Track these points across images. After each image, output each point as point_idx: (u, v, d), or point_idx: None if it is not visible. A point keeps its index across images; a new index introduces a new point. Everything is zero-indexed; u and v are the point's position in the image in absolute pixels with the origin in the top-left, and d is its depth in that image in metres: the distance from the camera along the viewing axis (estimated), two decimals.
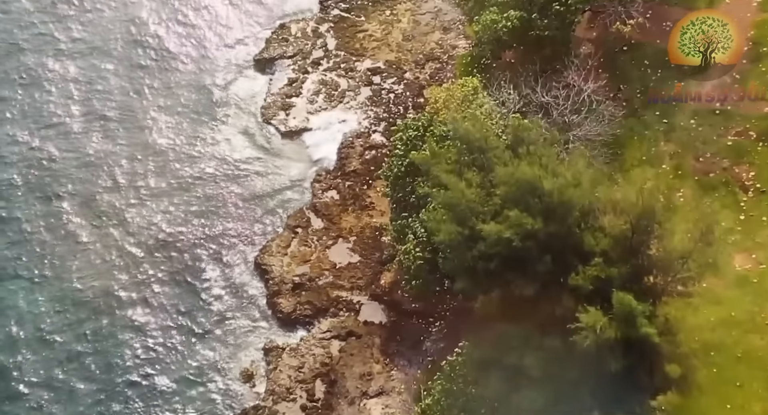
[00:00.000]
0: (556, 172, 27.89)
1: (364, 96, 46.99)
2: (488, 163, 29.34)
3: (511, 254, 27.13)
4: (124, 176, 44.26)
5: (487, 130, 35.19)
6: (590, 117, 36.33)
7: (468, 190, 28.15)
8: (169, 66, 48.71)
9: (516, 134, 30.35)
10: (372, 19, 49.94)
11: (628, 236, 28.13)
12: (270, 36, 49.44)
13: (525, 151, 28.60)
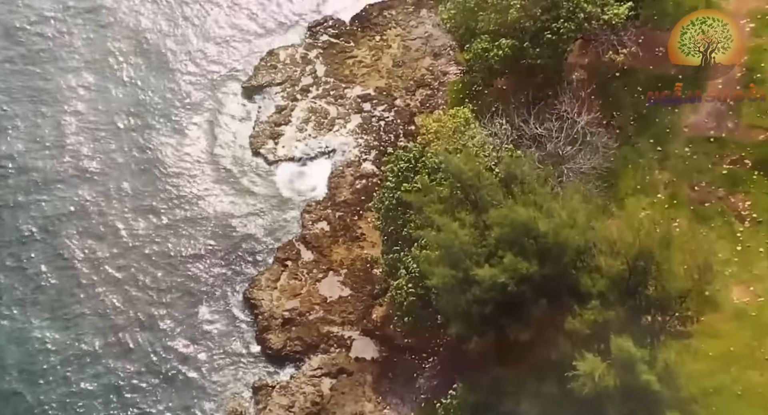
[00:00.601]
0: (551, 212, 27.22)
1: (355, 124, 46.28)
2: (481, 202, 28.67)
3: (506, 298, 26.41)
4: (107, 207, 43.33)
5: (479, 163, 34.79)
6: (584, 149, 35.69)
7: (461, 231, 27.47)
8: (154, 92, 47.89)
9: (509, 170, 29.70)
10: (361, 45, 49.31)
11: (625, 276, 27.47)
12: (258, 63, 48.67)
13: (519, 189, 27.94)
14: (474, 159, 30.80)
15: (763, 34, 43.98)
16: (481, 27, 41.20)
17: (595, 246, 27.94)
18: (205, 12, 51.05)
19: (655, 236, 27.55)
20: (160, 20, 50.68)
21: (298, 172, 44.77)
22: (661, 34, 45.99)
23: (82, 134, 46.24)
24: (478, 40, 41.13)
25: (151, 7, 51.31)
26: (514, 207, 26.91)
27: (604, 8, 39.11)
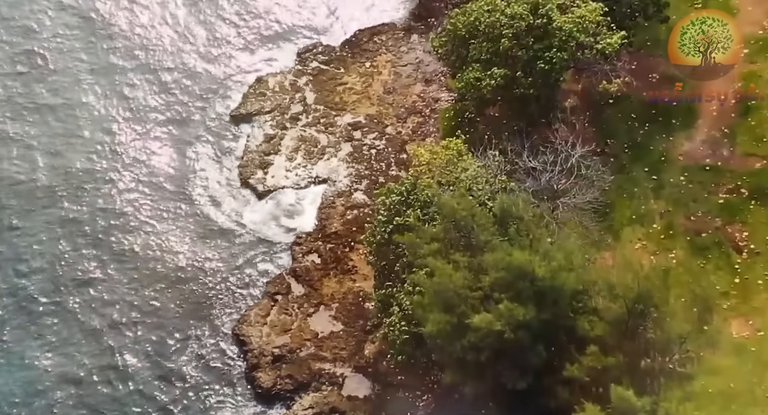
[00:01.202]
0: (548, 254, 26.53)
1: (345, 152, 45.53)
2: (476, 242, 27.95)
3: (503, 344, 25.66)
4: (92, 242, 42.32)
5: (473, 198, 34.12)
6: (579, 183, 35.06)
7: (456, 274, 26.72)
8: (143, 119, 47.01)
9: (503, 208, 29.02)
10: (352, 72, 48.62)
11: (624, 319, 26.77)
12: (247, 90, 47.82)
13: (515, 231, 27.25)
14: (468, 198, 29.99)
15: (758, 60, 43.68)
16: (473, 55, 40.67)
17: (593, 287, 27.25)
18: (193, 38, 50.19)
19: (654, 278, 26.80)
20: (144, 50, 49.85)
21: (288, 203, 43.87)
22: (654, 60, 45.66)
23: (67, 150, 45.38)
24: (469, 68, 40.56)
25: (137, 35, 50.46)
26: (510, 250, 26.21)
27: (597, 38, 38.62)
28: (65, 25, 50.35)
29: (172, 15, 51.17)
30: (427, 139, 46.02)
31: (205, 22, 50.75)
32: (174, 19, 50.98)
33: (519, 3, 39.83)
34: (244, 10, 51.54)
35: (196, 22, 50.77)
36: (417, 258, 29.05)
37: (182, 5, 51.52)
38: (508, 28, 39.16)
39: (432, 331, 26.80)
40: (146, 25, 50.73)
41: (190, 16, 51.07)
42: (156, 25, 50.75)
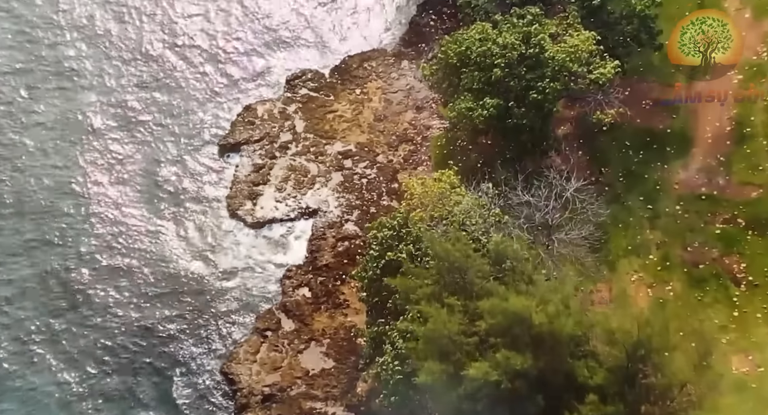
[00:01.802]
0: (545, 299, 25.76)
1: (336, 182, 44.72)
2: (470, 286, 27.18)
3: (500, 394, 24.84)
4: (76, 274, 41.35)
5: (468, 233, 33.37)
6: (575, 218, 34.38)
7: (451, 319, 25.91)
8: (130, 150, 46.10)
9: (499, 250, 28.27)
10: (342, 99, 47.89)
11: (624, 365, 26.00)
12: (235, 119, 47.01)
13: (510, 277, 26.48)
14: (462, 240, 29.20)
15: (752, 86, 43.24)
16: (465, 84, 40.06)
17: (592, 332, 26.49)
18: (180, 66, 49.45)
19: (654, 322, 26.05)
20: (134, 74, 49.03)
21: (278, 235, 42.97)
22: (648, 86, 45.20)
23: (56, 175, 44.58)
24: (461, 97, 39.95)
25: (125, 61, 49.70)
26: (506, 294, 25.44)
27: (590, 67, 38.11)
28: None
29: (162, 41, 50.49)
30: (418, 168, 45.37)
31: (192, 49, 50.00)
32: (162, 47, 50.26)
33: (511, 32, 39.36)
34: (231, 37, 50.82)
35: (183, 48, 50.03)
36: (410, 303, 28.16)
37: (169, 32, 50.76)
38: (500, 58, 38.63)
39: (426, 380, 25.94)
40: (131, 48, 50.02)
41: (177, 43, 50.32)
42: (143, 50, 50.02)
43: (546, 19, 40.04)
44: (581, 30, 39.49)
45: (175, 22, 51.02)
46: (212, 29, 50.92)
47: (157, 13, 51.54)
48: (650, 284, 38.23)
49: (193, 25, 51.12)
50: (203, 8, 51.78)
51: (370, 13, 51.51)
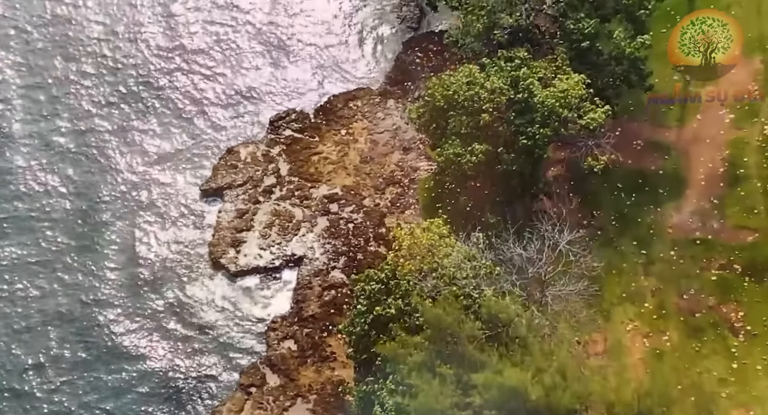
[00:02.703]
0: (540, 368, 24.64)
1: (321, 227, 43.49)
2: (463, 353, 26.02)
3: None
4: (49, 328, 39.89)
5: (458, 288, 32.30)
6: (569, 272, 33.34)
7: (443, 391, 24.72)
8: (109, 197, 44.69)
9: (492, 314, 27.16)
10: (327, 140, 46.78)
11: None
12: (218, 162, 45.75)
13: (504, 343, 25.37)
14: (454, 305, 28.08)
15: (745, 126, 42.53)
16: (452, 128, 39.12)
17: (590, 402, 25.38)
18: (159, 107, 48.09)
19: (655, 394, 24.96)
20: (115, 116, 47.67)
21: (262, 284, 41.67)
22: (639, 126, 44.37)
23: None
24: (449, 142, 38.92)
25: (103, 105, 48.22)
26: (501, 366, 24.32)
27: (580, 112, 37.25)
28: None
29: (141, 83, 49.14)
30: (406, 212, 44.29)
31: (174, 89, 48.71)
32: (141, 88, 48.91)
33: (498, 75, 38.51)
34: (213, 77, 49.40)
35: (163, 90, 48.75)
36: (400, 372, 26.97)
37: (147, 73, 49.41)
38: (488, 103, 37.72)
39: None
40: (109, 91, 48.66)
41: (157, 85, 48.93)
42: (122, 91, 48.60)
43: (534, 62, 39.25)
44: (570, 73, 38.67)
45: (152, 62, 49.66)
46: (192, 68, 49.51)
47: (135, 53, 50.09)
48: (646, 334, 37.21)
49: (172, 64, 49.88)
50: (182, 47, 50.36)
51: (354, 50, 50.43)
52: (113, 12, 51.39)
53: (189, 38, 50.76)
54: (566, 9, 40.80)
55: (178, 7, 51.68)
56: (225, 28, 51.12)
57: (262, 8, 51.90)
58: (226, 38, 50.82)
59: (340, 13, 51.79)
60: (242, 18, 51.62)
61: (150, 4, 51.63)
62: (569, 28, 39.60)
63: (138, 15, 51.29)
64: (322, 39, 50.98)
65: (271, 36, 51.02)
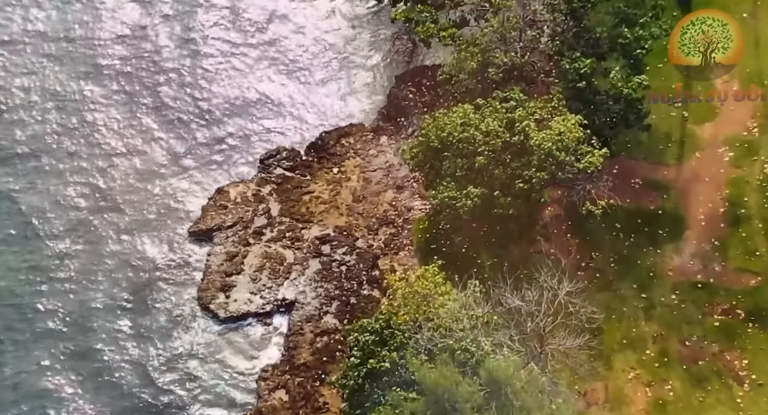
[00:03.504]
0: None
1: (313, 270, 42.35)
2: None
3: None
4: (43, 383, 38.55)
5: (456, 341, 31.21)
6: (569, 324, 32.31)
7: None
8: (93, 240, 43.48)
9: (491, 376, 26.10)
10: (318, 179, 45.74)
11: None
12: (206, 203, 44.57)
13: (504, 411, 24.31)
14: (451, 367, 27.01)
15: (744, 164, 41.71)
16: (447, 169, 38.24)
17: None
18: (147, 145, 46.96)
19: None
20: (101, 155, 46.58)
21: (252, 331, 40.45)
22: (636, 164, 43.48)
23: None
24: (443, 184, 38.03)
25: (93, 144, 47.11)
26: None
27: (577, 155, 36.40)
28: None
29: (126, 120, 48.14)
30: (400, 253, 43.22)
31: (162, 128, 47.66)
32: (128, 125, 47.88)
33: (493, 116, 37.67)
34: (202, 113, 48.34)
35: (151, 127, 47.73)
36: None
37: (133, 111, 48.26)
38: (483, 145, 36.87)
39: None
40: (98, 132, 47.53)
41: (144, 122, 47.95)
42: (113, 130, 47.65)
43: (529, 102, 38.44)
44: (566, 113, 37.83)
45: (137, 100, 48.59)
46: (180, 105, 48.48)
47: (120, 93, 49.01)
48: (648, 383, 36.13)
49: (159, 101, 48.85)
50: (169, 84, 49.37)
51: (346, 85, 49.48)
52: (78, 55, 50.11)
53: (176, 74, 49.80)
54: (562, 47, 40.19)
55: (165, 40, 50.83)
56: (214, 65, 50.06)
57: (251, 42, 50.95)
58: (214, 75, 49.76)
59: (331, 46, 50.87)
60: (232, 52, 50.81)
61: (126, 44, 50.50)
62: (565, 67, 38.89)
63: (121, 52, 50.52)
64: (313, 73, 50.00)
65: (261, 72, 49.96)
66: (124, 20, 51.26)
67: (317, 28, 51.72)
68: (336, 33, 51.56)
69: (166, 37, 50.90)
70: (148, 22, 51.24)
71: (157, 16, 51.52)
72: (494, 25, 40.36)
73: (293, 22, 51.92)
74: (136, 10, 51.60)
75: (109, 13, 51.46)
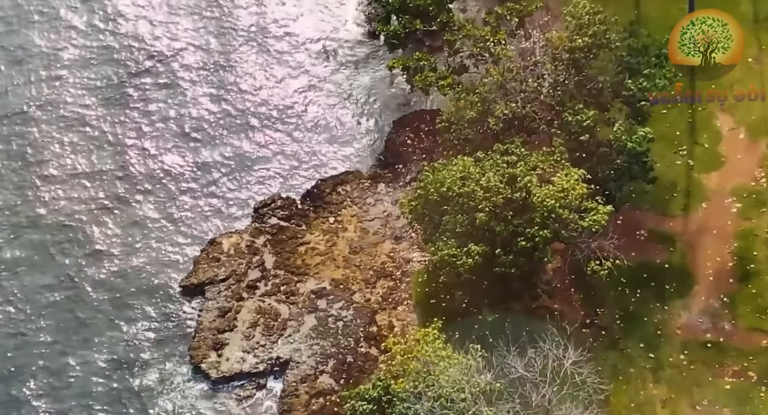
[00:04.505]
0: None
1: (309, 326, 40.86)
2: None
3: None
4: None
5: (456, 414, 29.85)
6: (576, 396, 30.90)
7: None
8: (78, 295, 42.05)
9: None
10: (314, 228, 44.43)
11: None
12: (198, 255, 43.29)
13: None
14: None
15: (753, 216, 40.44)
16: (447, 224, 36.98)
17: None
18: (139, 195, 45.69)
19: None
20: (93, 204, 45.26)
21: (245, 392, 38.79)
22: (641, 215, 42.17)
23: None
24: (443, 239, 36.74)
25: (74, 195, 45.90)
26: None
27: (581, 214, 35.17)
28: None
29: (116, 168, 46.97)
30: (398, 308, 41.78)
31: (152, 176, 46.47)
32: (118, 173, 46.74)
33: (494, 171, 36.49)
34: (193, 160, 47.13)
35: (141, 175, 46.52)
36: None
37: (124, 159, 47.11)
38: (484, 201, 35.66)
39: None
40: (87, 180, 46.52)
41: (134, 169, 46.72)
42: (99, 183, 46.35)
43: (531, 155, 37.28)
44: (569, 167, 36.66)
45: (124, 147, 47.52)
46: (172, 152, 47.43)
47: (109, 139, 47.94)
48: None
49: (150, 147, 47.67)
50: (161, 130, 48.29)
51: (343, 130, 48.31)
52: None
53: (167, 121, 48.67)
54: (563, 96, 39.11)
55: (151, 87, 49.86)
56: (207, 109, 49.08)
57: (243, 87, 49.88)
58: (207, 120, 48.67)
59: (326, 90, 49.79)
60: (224, 97, 49.68)
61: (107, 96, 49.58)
62: (567, 119, 37.79)
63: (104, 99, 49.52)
64: (308, 118, 48.84)
65: (255, 117, 48.81)
66: (97, 74, 50.39)
67: (312, 70, 50.76)
68: (332, 76, 50.51)
69: (151, 85, 49.89)
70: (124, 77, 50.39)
71: (143, 64, 50.81)
72: (494, 75, 39.41)
73: (288, 65, 51.02)
74: (109, 65, 50.69)
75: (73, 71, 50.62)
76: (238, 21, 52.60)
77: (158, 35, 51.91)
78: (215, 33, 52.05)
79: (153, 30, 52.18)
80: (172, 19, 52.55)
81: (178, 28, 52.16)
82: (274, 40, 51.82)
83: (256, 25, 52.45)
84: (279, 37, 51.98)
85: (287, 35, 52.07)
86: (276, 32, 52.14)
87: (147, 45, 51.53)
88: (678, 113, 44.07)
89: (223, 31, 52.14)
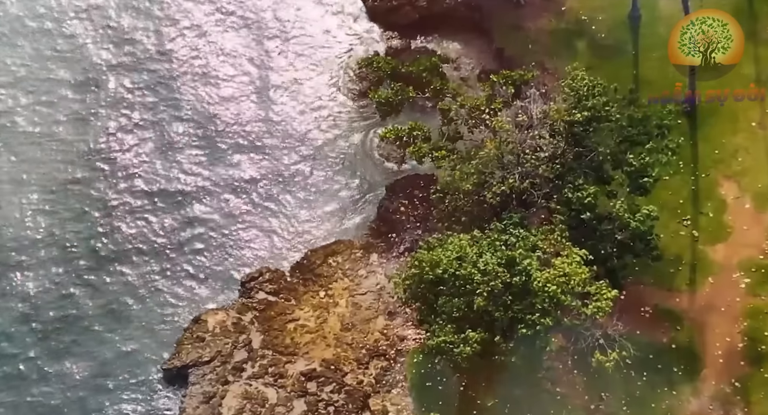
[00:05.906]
0: None
1: (298, 412, 38.63)
2: None
3: None
4: None
5: None
6: None
7: None
8: (60, 376, 40.00)
9: None
10: (304, 303, 42.42)
11: None
12: (182, 336, 41.19)
13: None
14: None
15: (762, 293, 38.55)
16: (443, 308, 35.11)
17: None
18: (121, 266, 43.86)
19: None
20: (69, 280, 43.29)
21: None
22: (645, 289, 40.16)
23: None
24: (439, 324, 34.88)
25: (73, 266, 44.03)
26: None
27: (585, 300, 33.39)
28: None
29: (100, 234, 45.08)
30: (393, 391, 39.72)
31: (133, 247, 44.50)
32: (103, 239, 44.89)
33: (492, 253, 34.71)
34: (181, 227, 45.21)
35: (124, 247, 44.61)
36: None
37: (108, 231, 45.27)
38: (482, 285, 33.86)
39: None
40: None
41: (115, 238, 44.86)
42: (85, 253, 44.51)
43: (530, 234, 35.56)
44: (570, 247, 34.94)
45: (111, 216, 45.71)
46: (152, 220, 45.50)
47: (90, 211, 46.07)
48: None
49: (130, 211, 45.79)
50: (143, 192, 46.51)
51: (333, 197, 46.49)
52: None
53: (152, 184, 46.87)
54: (562, 169, 37.56)
55: (145, 152, 48.20)
56: (192, 175, 47.36)
57: (229, 152, 48.13)
58: (192, 186, 46.80)
59: (315, 155, 47.94)
60: (211, 163, 47.84)
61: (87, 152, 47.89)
62: (567, 196, 36.19)
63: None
64: (296, 184, 46.81)
65: (241, 183, 46.84)
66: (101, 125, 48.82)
67: (300, 132, 49.14)
68: (321, 139, 48.63)
69: (146, 148, 48.18)
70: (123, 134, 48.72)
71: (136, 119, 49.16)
72: (491, 148, 37.88)
73: (276, 127, 49.25)
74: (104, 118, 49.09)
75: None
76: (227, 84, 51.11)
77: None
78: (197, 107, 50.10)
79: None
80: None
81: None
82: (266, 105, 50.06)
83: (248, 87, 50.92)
84: (271, 101, 50.21)
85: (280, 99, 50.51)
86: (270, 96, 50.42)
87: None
88: (680, 180, 42.50)
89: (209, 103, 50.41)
